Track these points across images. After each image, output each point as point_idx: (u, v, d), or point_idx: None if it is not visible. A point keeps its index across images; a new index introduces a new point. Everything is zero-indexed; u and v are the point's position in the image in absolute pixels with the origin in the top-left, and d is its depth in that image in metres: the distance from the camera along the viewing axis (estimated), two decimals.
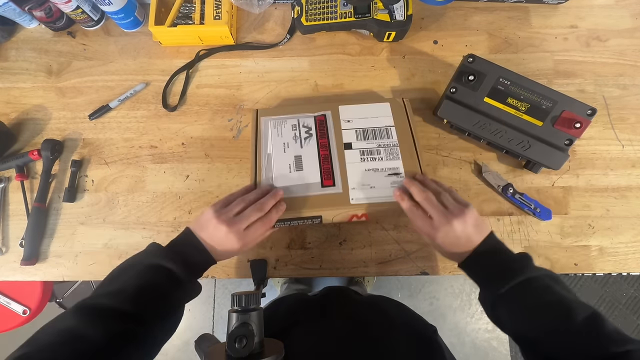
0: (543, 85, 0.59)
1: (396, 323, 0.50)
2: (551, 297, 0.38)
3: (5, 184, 0.66)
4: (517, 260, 0.43)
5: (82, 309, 0.34)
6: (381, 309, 0.55)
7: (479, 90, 0.60)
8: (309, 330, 0.46)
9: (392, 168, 0.54)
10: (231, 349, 0.28)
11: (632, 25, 0.70)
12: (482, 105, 0.60)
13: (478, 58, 0.60)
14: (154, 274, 0.39)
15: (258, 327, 0.30)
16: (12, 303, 0.99)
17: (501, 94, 0.59)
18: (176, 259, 0.41)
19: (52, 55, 0.72)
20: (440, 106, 0.61)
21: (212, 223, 0.44)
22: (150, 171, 0.66)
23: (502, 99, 0.59)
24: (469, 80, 0.59)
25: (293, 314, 0.53)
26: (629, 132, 0.66)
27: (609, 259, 0.61)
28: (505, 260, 0.43)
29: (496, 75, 0.59)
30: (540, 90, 0.58)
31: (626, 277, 1.44)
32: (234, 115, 0.68)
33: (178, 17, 0.68)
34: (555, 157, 0.59)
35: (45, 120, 0.69)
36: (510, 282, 0.40)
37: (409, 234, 0.62)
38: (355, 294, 0.61)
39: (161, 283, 0.39)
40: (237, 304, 0.31)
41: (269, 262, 0.62)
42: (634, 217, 0.62)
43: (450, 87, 0.60)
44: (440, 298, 1.47)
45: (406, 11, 0.65)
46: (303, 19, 0.67)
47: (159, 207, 0.64)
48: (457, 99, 0.60)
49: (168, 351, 1.42)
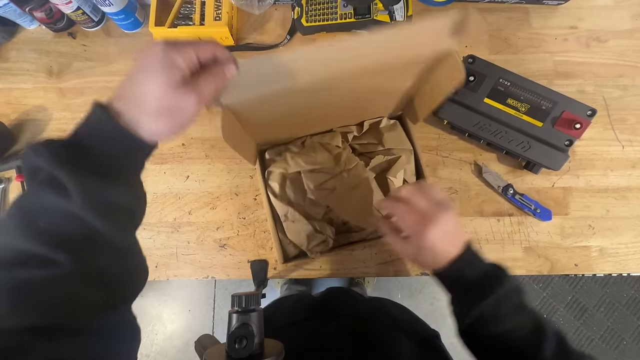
0: (543, 86, 0.59)
1: (399, 324, 0.49)
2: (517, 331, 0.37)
3: (5, 185, 0.66)
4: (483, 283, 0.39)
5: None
6: (384, 310, 0.55)
7: (479, 91, 0.60)
8: (310, 329, 0.45)
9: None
10: (231, 349, 0.28)
11: (631, 26, 0.70)
12: (482, 106, 0.60)
13: (478, 59, 0.60)
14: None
15: (258, 328, 0.30)
16: None
17: (501, 94, 0.59)
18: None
19: (52, 56, 0.72)
20: (440, 107, 0.61)
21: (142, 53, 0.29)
22: (150, 172, 0.66)
23: (502, 99, 0.59)
24: (469, 81, 0.59)
25: (295, 312, 0.53)
26: (629, 132, 0.66)
27: (609, 260, 0.61)
28: (472, 283, 0.39)
29: (496, 76, 0.59)
30: (540, 91, 0.58)
31: (626, 278, 1.44)
32: None
33: (178, 18, 0.68)
34: (556, 158, 0.59)
35: (46, 121, 0.69)
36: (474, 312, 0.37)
37: None
38: (357, 295, 0.61)
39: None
40: (237, 304, 0.31)
41: (270, 262, 0.62)
42: (634, 218, 0.62)
43: None
44: (441, 299, 1.47)
45: (406, 12, 0.65)
46: (303, 19, 0.67)
47: (159, 207, 0.64)
48: (457, 99, 0.60)
49: (168, 352, 1.42)
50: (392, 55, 0.38)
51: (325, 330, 0.44)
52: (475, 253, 0.41)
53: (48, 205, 0.25)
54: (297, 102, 0.45)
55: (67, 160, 0.26)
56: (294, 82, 0.37)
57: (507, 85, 0.59)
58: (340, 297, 0.60)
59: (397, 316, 0.53)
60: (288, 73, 0.36)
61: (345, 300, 0.58)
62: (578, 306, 1.44)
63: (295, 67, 0.36)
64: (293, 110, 0.47)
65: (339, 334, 0.43)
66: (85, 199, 0.25)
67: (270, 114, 0.46)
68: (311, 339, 0.43)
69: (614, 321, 1.42)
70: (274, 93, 0.39)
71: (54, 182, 0.25)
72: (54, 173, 0.25)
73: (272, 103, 0.42)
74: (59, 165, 0.25)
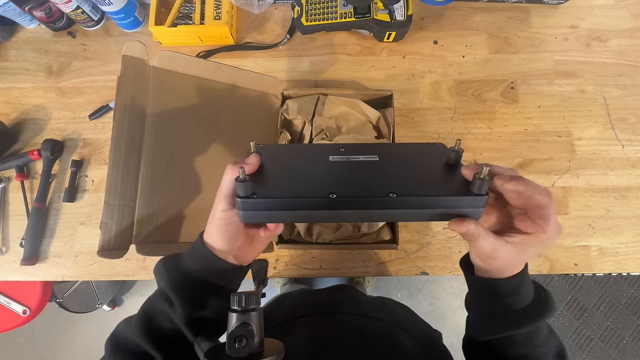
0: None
1: (403, 322, 0.49)
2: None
3: (5, 184, 0.66)
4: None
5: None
6: (387, 308, 0.55)
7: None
8: (313, 324, 0.45)
9: None
10: (231, 349, 0.28)
11: (632, 25, 0.70)
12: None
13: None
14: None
15: (258, 327, 0.30)
16: (12, 303, 0.99)
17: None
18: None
19: (52, 56, 0.72)
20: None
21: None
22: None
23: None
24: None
25: (296, 309, 0.53)
26: (629, 132, 0.66)
27: (609, 259, 0.61)
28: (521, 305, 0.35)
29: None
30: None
31: (626, 277, 1.44)
32: None
33: (178, 17, 0.68)
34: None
35: (45, 120, 0.69)
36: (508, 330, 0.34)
37: (408, 234, 0.62)
38: (360, 293, 0.60)
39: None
40: (237, 303, 0.31)
41: (270, 262, 0.62)
42: (634, 217, 0.62)
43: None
44: (440, 298, 1.47)
45: (406, 11, 0.65)
46: (303, 19, 0.67)
47: None
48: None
49: None
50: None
51: (328, 326, 0.44)
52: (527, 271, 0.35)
53: (161, 309, 0.35)
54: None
55: (175, 284, 0.35)
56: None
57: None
58: (342, 293, 0.60)
59: (400, 315, 0.53)
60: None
61: (347, 297, 0.58)
62: (578, 305, 1.44)
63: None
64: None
65: (342, 331, 0.43)
66: (182, 314, 0.34)
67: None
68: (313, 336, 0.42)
69: (613, 320, 1.42)
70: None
71: (167, 297, 0.34)
72: (166, 292, 0.34)
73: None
74: (169, 288, 0.34)
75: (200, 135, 0.56)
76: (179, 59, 0.53)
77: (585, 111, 0.67)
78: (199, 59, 0.56)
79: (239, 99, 0.60)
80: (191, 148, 0.55)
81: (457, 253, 0.62)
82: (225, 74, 0.58)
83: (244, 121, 0.60)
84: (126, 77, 0.49)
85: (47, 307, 1.06)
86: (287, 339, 0.33)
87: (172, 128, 0.53)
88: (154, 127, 0.51)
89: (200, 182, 0.55)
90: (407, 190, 0.30)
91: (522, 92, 0.68)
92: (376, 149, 0.38)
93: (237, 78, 0.59)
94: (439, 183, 0.32)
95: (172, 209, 0.52)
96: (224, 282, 0.36)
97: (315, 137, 0.60)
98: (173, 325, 0.34)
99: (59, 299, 1.18)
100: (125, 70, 0.49)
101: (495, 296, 0.34)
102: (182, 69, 0.54)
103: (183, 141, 0.54)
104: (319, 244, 0.57)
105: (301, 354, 0.37)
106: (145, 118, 0.51)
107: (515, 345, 0.35)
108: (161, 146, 0.51)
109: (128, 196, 0.48)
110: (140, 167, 0.49)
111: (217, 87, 0.58)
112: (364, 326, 0.44)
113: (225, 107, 0.59)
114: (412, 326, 0.49)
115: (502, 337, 0.35)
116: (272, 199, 0.30)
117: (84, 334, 1.47)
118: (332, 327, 0.44)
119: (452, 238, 0.63)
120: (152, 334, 0.34)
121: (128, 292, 1.51)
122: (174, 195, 0.52)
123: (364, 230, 0.58)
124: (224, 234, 0.34)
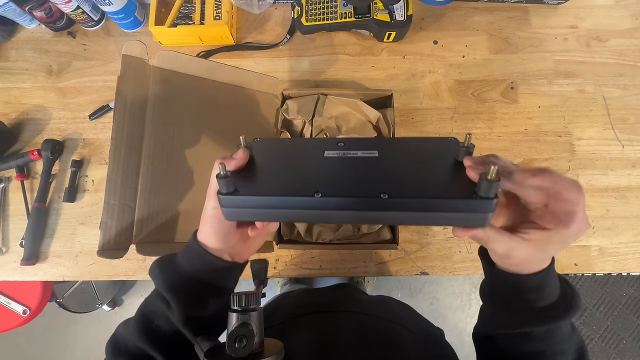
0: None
1: (404, 320, 0.49)
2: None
3: (5, 184, 0.66)
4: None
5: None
6: (388, 306, 0.55)
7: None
8: (314, 322, 0.45)
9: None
10: (231, 349, 0.28)
11: (632, 25, 0.70)
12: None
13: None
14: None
15: (258, 327, 0.30)
16: (12, 303, 0.99)
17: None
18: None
19: (52, 56, 0.72)
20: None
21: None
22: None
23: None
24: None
25: (298, 306, 0.52)
26: (629, 132, 0.66)
27: (609, 259, 0.61)
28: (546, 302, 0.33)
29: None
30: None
31: (626, 277, 1.44)
32: None
33: (178, 17, 0.68)
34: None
35: (46, 120, 0.69)
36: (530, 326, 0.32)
37: (409, 234, 0.62)
38: (361, 291, 0.60)
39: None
40: (237, 303, 0.31)
41: (270, 262, 0.62)
42: (634, 217, 0.62)
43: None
44: (440, 298, 1.47)
45: (406, 11, 0.65)
46: (303, 19, 0.67)
47: None
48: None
49: None
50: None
51: (329, 325, 0.44)
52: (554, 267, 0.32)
53: (158, 310, 0.35)
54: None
55: (171, 285, 0.34)
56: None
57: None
58: (343, 292, 0.60)
59: (401, 313, 0.53)
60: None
61: (348, 295, 0.58)
62: None
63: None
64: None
65: (343, 329, 0.43)
66: (180, 314, 0.33)
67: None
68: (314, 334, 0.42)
69: (613, 320, 1.42)
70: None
71: (163, 297, 0.34)
72: (162, 293, 0.34)
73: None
74: (165, 289, 0.34)
75: (200, 135, 0.56)
76: (179, 59, 0.53)
77: (585, 111, 0.67)
78: (199, 59, 0.56)
79: (239, 99, 0.60)
80: (191, 148, 0.55)
81: (457, 253, 0.62)
82: (225, 74, 0.58)
83: (244, 121, 0.60)
84: (126, 77, 0.49)
85: (47, 307, 1.06)
86: (288, 337, 0.33)
87: (172, 128, 0.53)
88: (154, 127, 0.51)
89: (200, 182, 0.55)
90: (401, 190, 0.27)
91: (522, 92, 0.68)
92: (378, 144, 0.35)
93: (237, 78, 0.59)
94: (441, 183, 0.29)
95: (172, 209, 0.52)
96: (220, 281, 0.36)
97: (315, 137, 0.60)
98: (172, 325, 0.34)
99: (59, 299, 1.18)
100: (125, 70, 0.49)
101: (516, 291, 0.32)
102: (182, 69, 0.54)
103: (183, 141, 0.54)
104: (319, 244, 0.57)
105: (303, 352, 0.37)
106: (145, 118, 0.51)
107: (534, 341, 0.33)
108: (161, 146, 0.51)
109: (128, 196, 0.48)
110: (140, 167, 0.49)
111: (217, 87, 0.58)
112: (365, 324, 0.44)
113: (225, 107, 0.59)
114: (413, 324, 0.48)
115: (520, 332, 0.33)
116: (256, 197, 0.28)
117: (84, 334, 1.47)
118: (333, 326, 0.43)
119: (452, 238, 0.63)
120: (151, 335, 0.34)
121: (128, 292, 1.51)
122: (174, 195, 0.52)
123: (364, 230, 0.58)
124: (216, 232, 0.33)
